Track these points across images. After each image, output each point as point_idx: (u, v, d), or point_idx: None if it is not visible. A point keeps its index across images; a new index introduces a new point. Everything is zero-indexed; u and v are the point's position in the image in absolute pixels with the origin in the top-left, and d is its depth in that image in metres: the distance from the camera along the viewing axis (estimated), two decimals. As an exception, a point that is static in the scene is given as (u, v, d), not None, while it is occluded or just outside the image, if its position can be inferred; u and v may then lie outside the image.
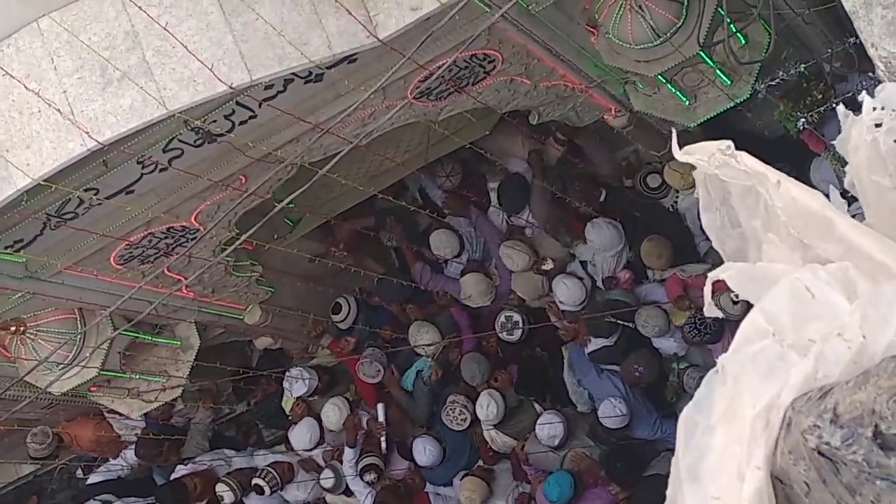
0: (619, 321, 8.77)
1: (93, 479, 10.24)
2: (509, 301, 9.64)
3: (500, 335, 9.34)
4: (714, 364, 6.77)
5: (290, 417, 10.16)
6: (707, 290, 2.67)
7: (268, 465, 9.75)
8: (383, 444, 9.63)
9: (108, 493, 10.01)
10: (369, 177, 8.71)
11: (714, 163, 2.34)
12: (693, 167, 7.44)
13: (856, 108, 6.98)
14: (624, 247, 9.20)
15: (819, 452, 1.63)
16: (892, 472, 1.48)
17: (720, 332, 8.29)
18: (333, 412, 9.65)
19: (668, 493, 1.99)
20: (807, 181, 7.79)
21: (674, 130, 2.66)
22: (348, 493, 9.68)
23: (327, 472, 9.55)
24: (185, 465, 10.03)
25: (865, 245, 1.98)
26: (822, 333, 1.75)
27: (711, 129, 7.94)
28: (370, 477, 9.38)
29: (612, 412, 8.58)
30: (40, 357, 7.55)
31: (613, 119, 7.79)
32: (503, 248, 9.44)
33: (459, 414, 9.24)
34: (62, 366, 7.76)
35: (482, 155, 8.40)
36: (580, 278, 9.33)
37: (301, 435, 9.82)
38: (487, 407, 9.08)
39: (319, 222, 9.26)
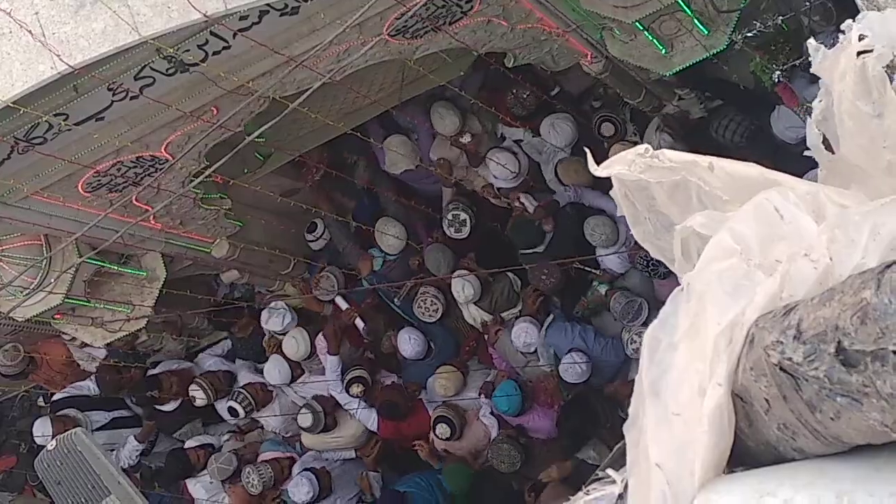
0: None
1: (57, 396, 10.21)
2: (431, 170, 9.70)
3: (448, 234, 9.48)
4: (646, 297, 6.82)
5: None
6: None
7: (241, 387, 9.79)
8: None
9: (71, 408, 10.00)
10: (342, 114, 8.66)
11: (636, 169, 2.32)
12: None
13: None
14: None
15: (781, 368, 1.64)
16: (853, 389, 1.49)
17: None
18: (291, 344, 9.70)
19: (630, 409, 2.01)
20: (768, 133, 7.94)
21: (587, 151, 2.64)
22: (326, 429, 9.70)
23: (304, 411, 9.54)
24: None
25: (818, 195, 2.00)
26: (789, 254, 1.76)
27: (686, 78, 7.96)
28: (357, 390, 9.39)
29: (572, 367, 8.70)
30: (4, 282, 7.50)
31: (589, 65, 7.76)
32: (435, 106, 9.42)
33: (431, 304, 9.35)
34: (27, 291, 7.72)
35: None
36: (513, 152, 9.37)
37: (271, 371, 9.83)
38: (463, 290, 9.22)
39: (289, 158, 9.22)
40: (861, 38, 2.07)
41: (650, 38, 6.99)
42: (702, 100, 8.66)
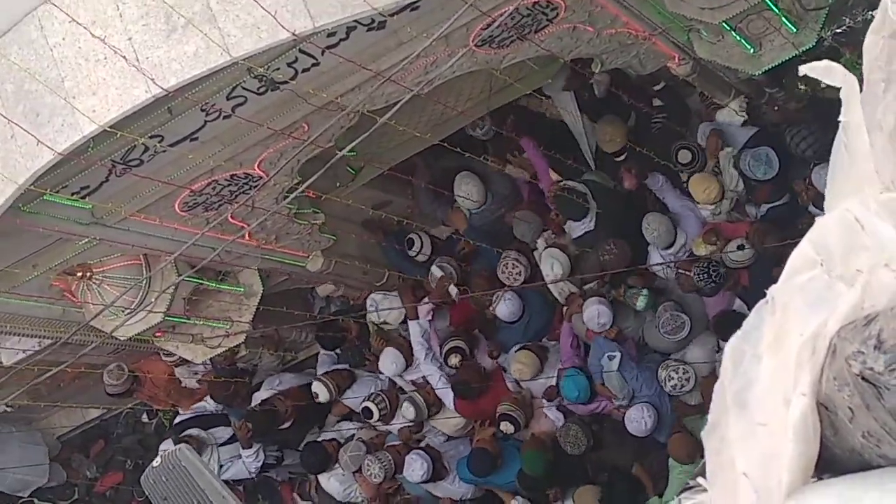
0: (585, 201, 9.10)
1: (179, 418, 10.48)
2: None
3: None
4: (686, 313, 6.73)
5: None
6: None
7: (380, 390, 9.90)
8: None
9: (194, 428, 10.22)
10: (431, 125, 8.69)
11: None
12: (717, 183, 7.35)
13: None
14: None
15: (863, 378, 1.64)
16: None
17: (720, 286, 8.52)
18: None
19: (710, 419, 2.01)
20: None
21: None
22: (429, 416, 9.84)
23: (406, 403, 9.64)
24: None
25: None
26: (870, 264, 1.75)
27: (774, 78, 7.88)
28: (455, 360, 9.45)
29: (638, 421, 8.81)
30: (106, 302, 7.66)
31: (677, 67, 7.72)
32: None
33: (514, 268, 9.37)
34: (128, 311, 7.87)
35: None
36: None
37: (386, 363, 9.90)
38: (552, 268, 9.26)
39: (380, 171, 9.28)
40: None
41: (738, 37, 6.94)
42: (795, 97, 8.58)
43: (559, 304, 9.64)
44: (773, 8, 6.64)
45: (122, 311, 7.85)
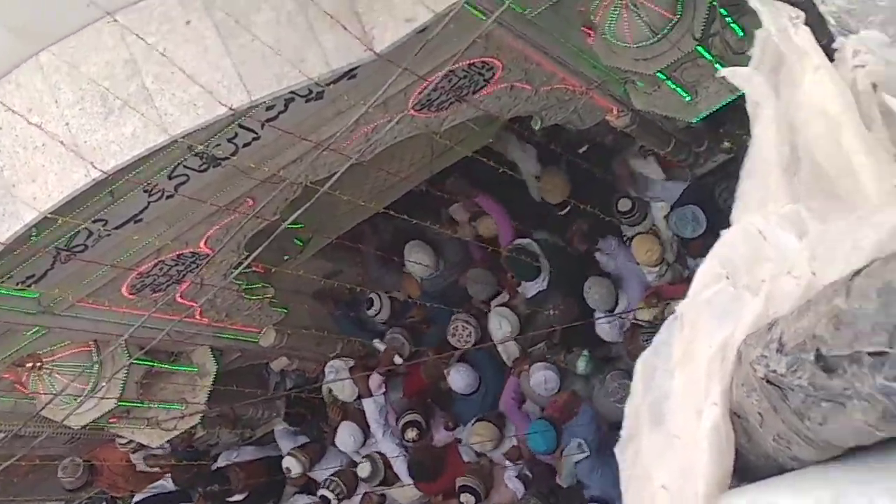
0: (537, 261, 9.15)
1: (137, 497, 10.34)
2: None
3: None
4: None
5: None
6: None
7: (333, 475, 9.84)
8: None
9: None
10: (375, 192, 8.72)
11: (777, 26, 2.35)
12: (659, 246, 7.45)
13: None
14: None
15: (767, 381, 1.68)
16: (836, 393, 1.54)
17: None
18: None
19: (624, 433, 2.03)
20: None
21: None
22: (385, 483, 9.75)
23: (363, 461, 9.63)
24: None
25: (857, 161, 2.01)
26: (773, 273, 1.78)
27: (713, 122, 7.98)
28: (411, 434, 9.43)
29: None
30: (57, 391, 7.56)
31: (616, 119, 7.78)
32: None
33: (463, 330, 9.41)
34: (80, 399, 7.76)
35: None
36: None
37: (344, 437, 9.89)
38: (501, 326, 9.28)
39: (328, 241, 9.28)
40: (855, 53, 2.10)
41: (673, 86, 7.01)
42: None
43: (508, 366, 9.66)
44: (706, 55, 6.71)
45: (75, 400, 7.75)
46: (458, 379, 9.41)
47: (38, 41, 5.76)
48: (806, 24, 2.41)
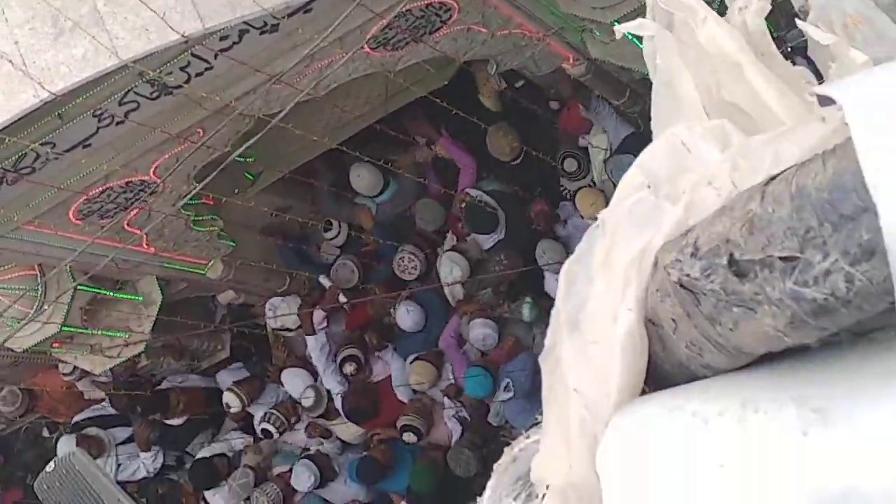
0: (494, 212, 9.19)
1: (78, 416, 10.29)
2: None
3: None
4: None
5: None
6: None
7: (272, 407, 9.85)
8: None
9: (93, 427, 10.08)
10: (329, 129, 8.69)
11: None
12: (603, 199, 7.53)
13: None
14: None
15: (681, 285, 1.70)
16: (747, 298, 1.56)
17: None
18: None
19: (547, 342, 2.06)
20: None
21: None
22: (327, 416, 9.85)
23: (308, 393, 9.66)
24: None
25: (765, 93, 2.05)
26: (693, 183, 1.81)
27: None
28: (349, 369, 9.54)
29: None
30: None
31: (572, 68, 7.80)
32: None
33: (409, 262, 9.50)
34: (23, 321, 7.75)
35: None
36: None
37: (296, 384, 9.93)
38: (452, 272, 9.34)
39: (279, 176, 9.26)
40: None
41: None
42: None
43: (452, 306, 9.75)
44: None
45: (17, 322, 7.74)
46: (407, 318, 9.49)
47: (-10, -42, 5.69)
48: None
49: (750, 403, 1.61)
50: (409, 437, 9.33)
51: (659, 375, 1.92)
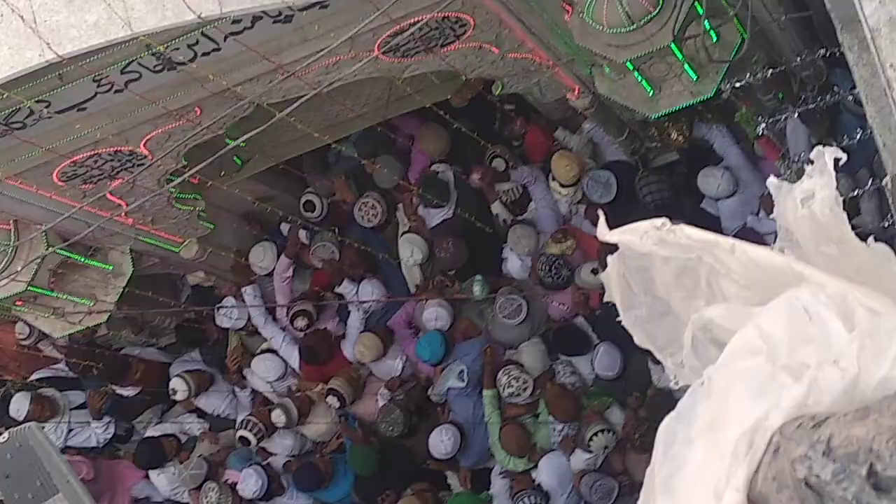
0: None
1: (36, 375, 10.14)
2: None
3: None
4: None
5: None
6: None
7: (250, 414, 9.68)
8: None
9: (50, 388, 9.95)
10: (325, 125, 8.62)
11: (648, 241, 2.27)
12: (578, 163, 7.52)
13: (810, 120, 6.92)
14: None
15: (807, 484, 1.59)
16: None
17: (565, 285, 8.83)
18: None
19: (640, 502, 1.96)
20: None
21: (601, 213, 2.58)
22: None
23: (278, 412, 9.50)
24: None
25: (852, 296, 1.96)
26: (818, 359, 1.71)
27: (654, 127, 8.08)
28: (301, 323, 9.54)
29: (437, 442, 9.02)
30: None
31: (576, 99, 7.76)
32: None
33: (371, 209, 9.54)
34: (-10, 275, 7.64)
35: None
36: None
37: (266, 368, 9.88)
38: (413, 254, 9.41)
39: (268, 165, 9.18)
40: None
41: (639, 78, 6.98)
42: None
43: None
44: (678, 53, 6.69)
45: (-14, 274, 7.63)
46: (371, 290, 9.54)
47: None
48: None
49: None
50: (332, 400, 9.34)
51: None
